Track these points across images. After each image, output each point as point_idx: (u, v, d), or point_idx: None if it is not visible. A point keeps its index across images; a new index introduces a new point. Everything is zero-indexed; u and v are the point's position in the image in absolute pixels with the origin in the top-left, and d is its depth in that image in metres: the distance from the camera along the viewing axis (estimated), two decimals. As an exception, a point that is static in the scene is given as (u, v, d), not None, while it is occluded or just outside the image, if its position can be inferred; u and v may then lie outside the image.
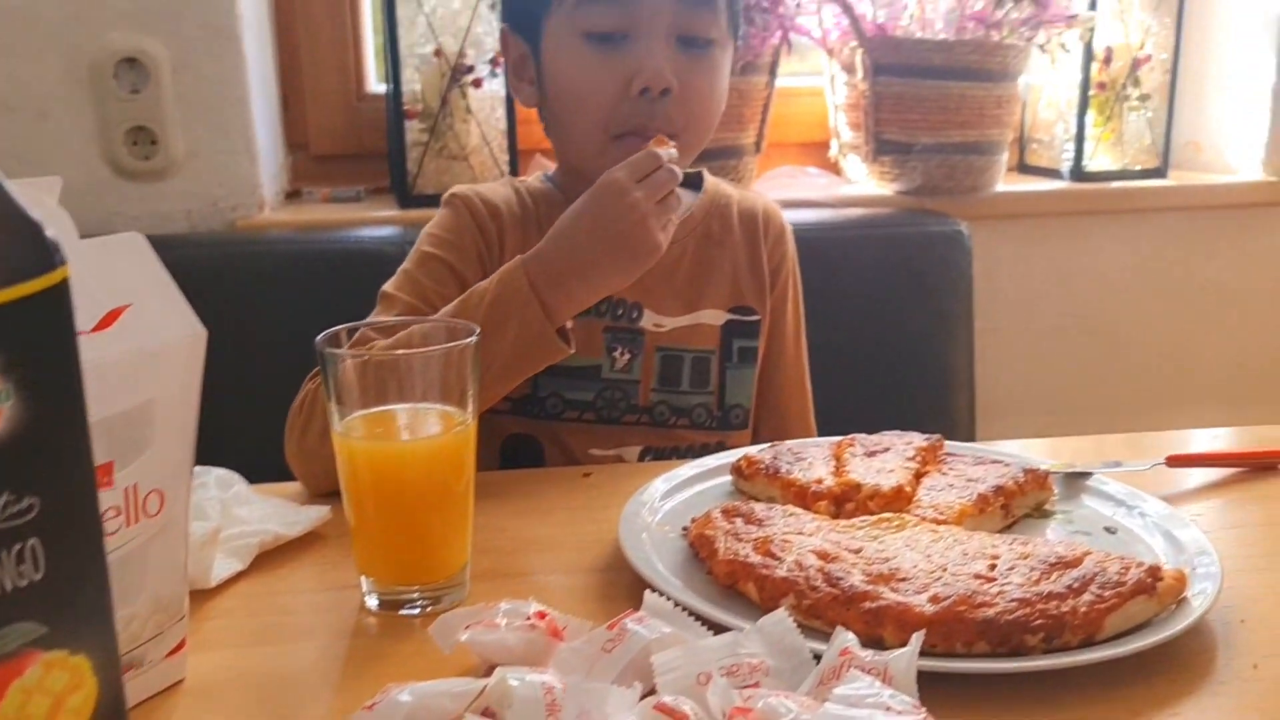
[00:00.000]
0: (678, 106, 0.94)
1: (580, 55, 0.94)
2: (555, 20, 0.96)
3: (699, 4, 0.94)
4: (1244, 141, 1.70)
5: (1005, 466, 0.78)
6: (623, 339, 1.01)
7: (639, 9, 0.92)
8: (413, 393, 0.65)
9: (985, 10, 1.47)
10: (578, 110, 0.96)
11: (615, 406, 1.02)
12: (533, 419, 1.01)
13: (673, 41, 0.94)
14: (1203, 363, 1.74)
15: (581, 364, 1.00)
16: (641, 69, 0.92)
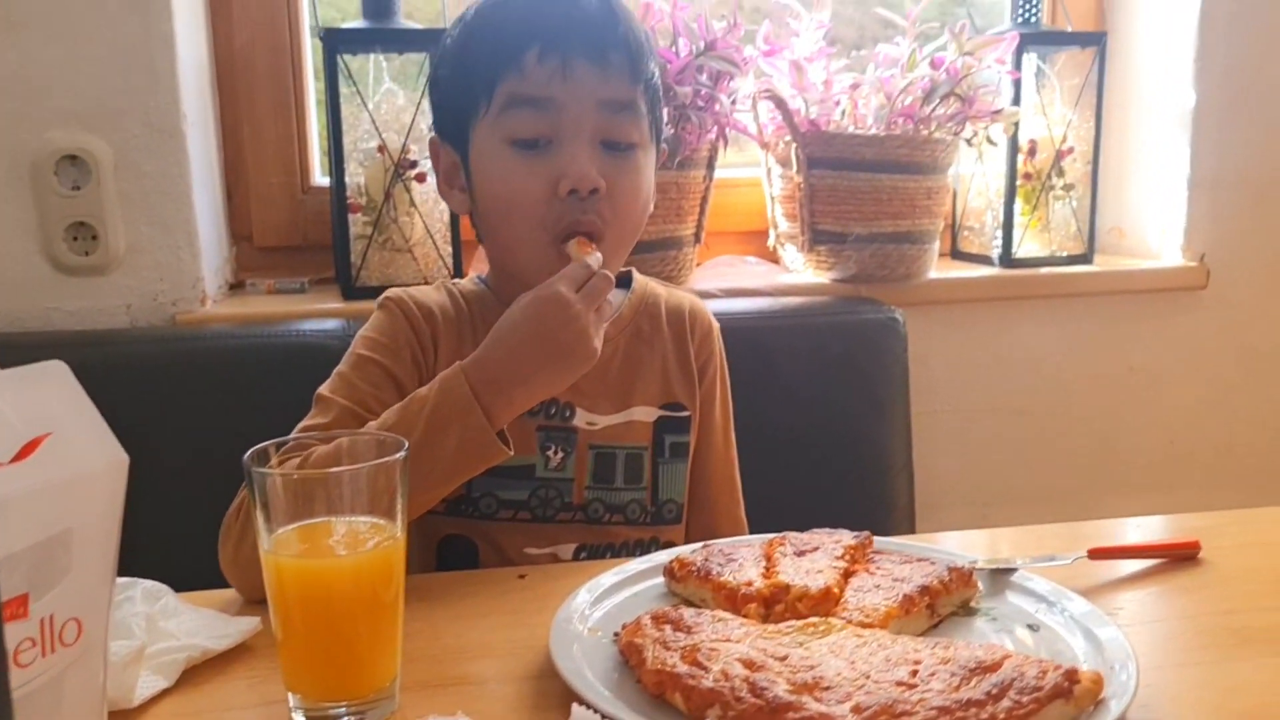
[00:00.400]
0: (606, 204, 0.97)
1: (507, 161, 0.97)
2: (482, 128, 0.98)
3: (620, 109, 0.97)
4: (1164, 228, 1.77)
5: (931, 565, 0.80)
6: (556, 438, 1.03)
7: (562, 115, 0.95)
8: (341, 506, 0.66)
9: (914, 107, 1.53)
10: (509, 214, 0.98)
11: (549, 505, 1.03)
12: (467, 519, 1.01)
13: (596, 145, 0.97)
14: (1130, 442, 1.79)
15: (515, 464, 0.99)
16: (567, 171, 0.95)
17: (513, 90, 0.95)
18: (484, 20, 1.00)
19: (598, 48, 0.96)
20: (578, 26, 0.96)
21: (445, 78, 1.03)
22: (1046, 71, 1.68)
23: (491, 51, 0.96)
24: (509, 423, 0.89)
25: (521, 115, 0.95)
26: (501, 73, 0.96)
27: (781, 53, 1.54)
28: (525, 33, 0.95)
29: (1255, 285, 1.77)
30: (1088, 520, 1.73)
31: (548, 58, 0.94)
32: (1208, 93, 1.70)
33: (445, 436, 0.85)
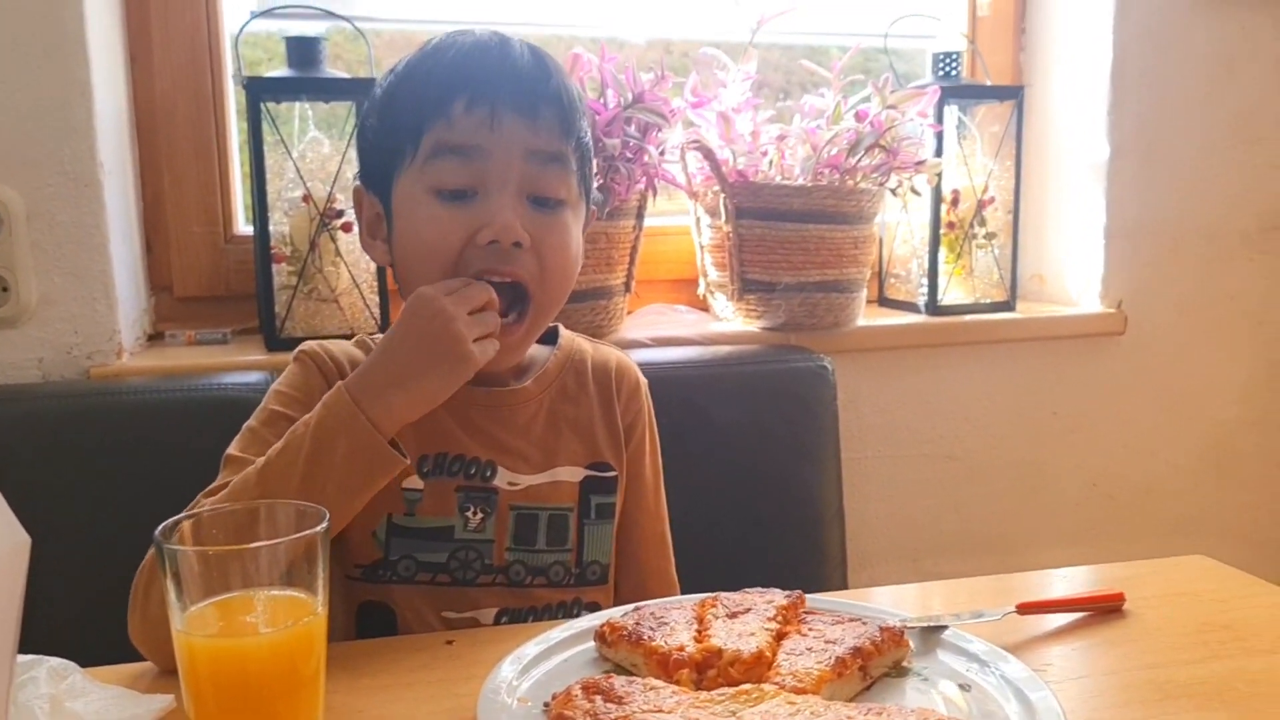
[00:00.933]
0: (532, 259, 0.95)
1: (430, 210, 0.94)
2: (406, 177, 0.96)
3: (548, 162, 0.96)
4: (1083, 275, 1.82)
5: (863, 625, 0.80)
6: (476, 499, 1.00)
7: (489, 166, 0.93)
8: (259, 579, 0.63)
9: (839, 157, 1.55)
10: (426, 261, 0.95)
11: (469, 568, 1.00)
12: (385, 584, 0.99)
13: (523, 199, 0.95)
14: (1055, 485, 1.82)
15: (434, 525, 0.99)
16: (490, 222, 0.93)
17: (439, 138, 0.94)
18: (414, 70, 0.98)
19: (528, 100, 0.94)
20: (508, 78, 0.95)
21: (372, 126, 1.01)
22: (967, 123, 1.72)
23: (419, 99, 0.95)
24: (397, 430, 0.89)
25: (447, 164, 0.94)
26: (428, 121, 0.94)
27: (709, 104, 1.56)
28: (454, 82, 0.94)
29: (1170, 331, 1.82)
30: (1017, 564, 1.78)
31: (476, 107, 0.93)
32: (1121, 145, 1.75)
33: (333, 450, 0.85)
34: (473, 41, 0.98)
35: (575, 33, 1.74)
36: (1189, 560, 1.04)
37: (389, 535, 0.99)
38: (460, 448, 1.01)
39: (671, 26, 1.78)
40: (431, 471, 1.00)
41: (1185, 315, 1.83)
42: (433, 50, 0.99)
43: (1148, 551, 1.82)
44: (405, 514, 0.99)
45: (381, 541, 0.99)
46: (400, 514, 0.99)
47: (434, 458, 1.00)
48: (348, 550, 0.99)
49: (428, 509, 0.99)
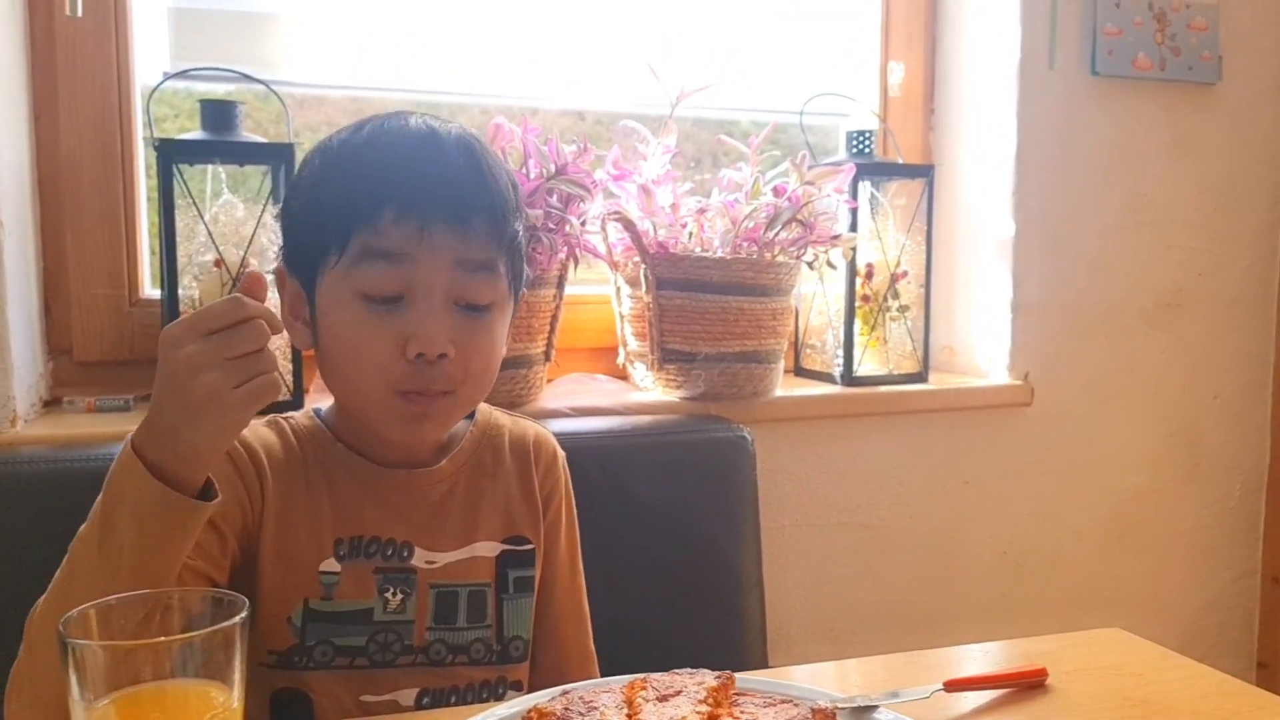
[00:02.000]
0: (456, 365, 0.94)
1: (356, 314, 0.92)
2: (332, 276, 0.94)
3: (477, 269, 0.94)
4: (991, 348, 1.87)
5: (794, 707, 0.79)
6: (394, 580, 0.98)
7: (415, 274, 0.92)
8: (170, 672, 0.60)
9: (758, 230, 1.57)
10: (354, 367, 0.94)
11: (389, 649, 0.98)
12: (300, 670, 0.95)
13: (450, 305, 0.94)
14: (967, 553, 1.85)
15: (352, 608, 0.96)
16: (417, 334, 0.91)
17: (367, 243, 0.91)
18: (343, 166, 0.95)
19: (459, 211, 0.92)
20: (440, 187, 0.92)
21: (297, 214, 0.98)
22: (880, 199, 1.76)
23: (347, 203, 0.92)
24: (192, 476, 0.79)
25: (374, 270, 0.91)
26: (356, 226, 0.91)
27: (630, 176, 1.57)
28: (383, 189, 0.91)
29: (1075, 403, 1.88)
30: (931, 632, 1.79)
31: (405, 218, 0.91)
32: (1026, 224, 1.82)
33: (122, 505, 0.78)
34: (403, 142, 0.95)
35: (487, 101, 1.75)
36: (1106, 633, 1.05)
37: (305, 621, 0.96)
38: (376, 529, 0.99)
39: (586, 97, 1.80)
40: (348, 554, 0.98)
41: (1088, 388, 1.89)
42: (364, 145, 0.95)
43: (1055, 619, 1.87)
44: (322, 598, 0.96)
45: (297, 628, 0.96)
46: (317, 598, 0.96)
47: (349, 540, 0.98)
48: (260, 636, 0.95)
49: (346, 592, 0.97)
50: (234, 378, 0.76)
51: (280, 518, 0.96)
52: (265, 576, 0.95)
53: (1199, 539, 2.01)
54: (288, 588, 0.95)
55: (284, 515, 0.96)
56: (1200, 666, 0.98)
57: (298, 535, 0.96)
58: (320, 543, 0.97)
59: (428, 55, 1.71)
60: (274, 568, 0.95)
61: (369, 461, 1.00)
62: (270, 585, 0.95)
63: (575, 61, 1.77)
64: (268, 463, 0.97)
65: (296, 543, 0.96)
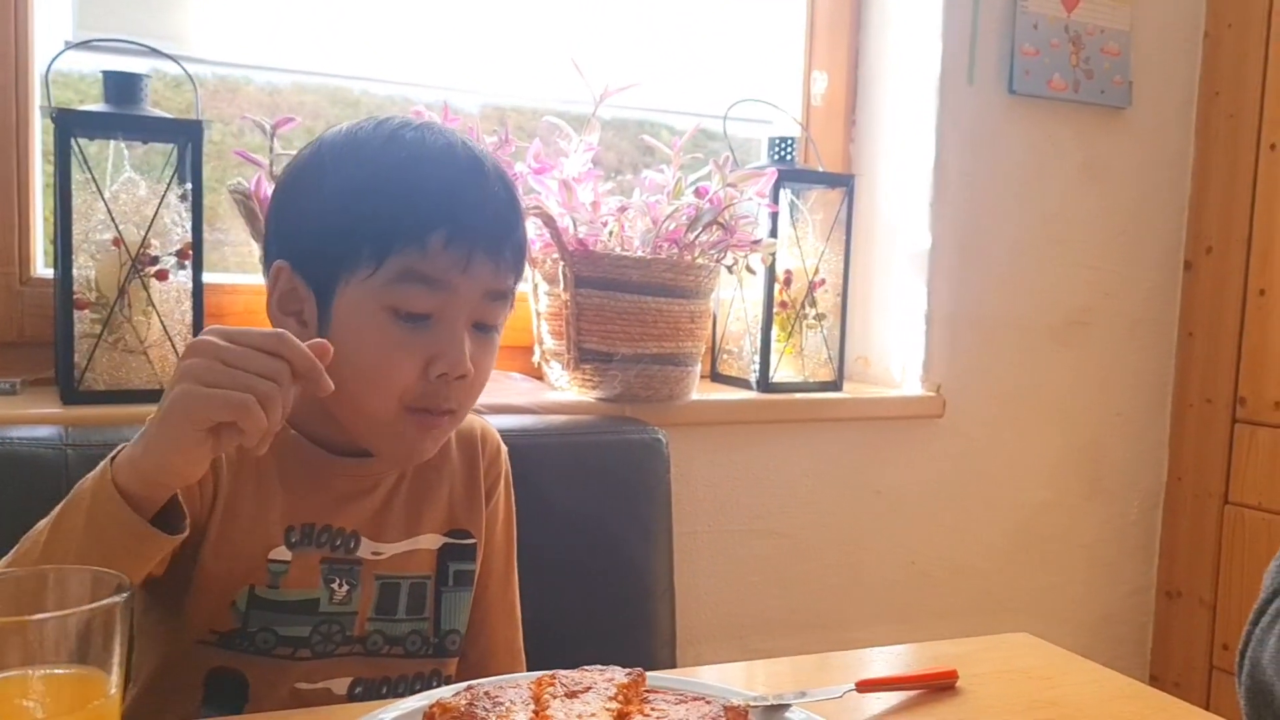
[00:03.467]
0: (465, 387, 0.94)
1: (384, 330, 0.91)
2: (360, 287, 0.91)
3: (499, 298, 0.96)
4: (904, 359, 1.88)
5: (707, 704, 0.77)
6: (341, 570, 0.98)
7: (452, 298, 0.92)
8: (42, 656, 0.55)
9: (679, 232, 1.56)
10: (374, 383, 0.92)
11: (330, 639, 0.97)
12: (240, 653, 0.94)
13: (470, 328, 0.94)
14: (875, 561, 1.86)
15: (298, 597, 0.95)
16: (444, 354, 0.91)
17: (410, 266, 0.90)
18: (390, 179, 0.92)
19: (498, 244, 0.93)
20: (487, 219, 0.93)
21: (319, 214, 0.94)
22: (800, 207, 1.77)
23: (393, 220, 0.90)
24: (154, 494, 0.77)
25: (413, 292, 0.90)
26: (400, 245, 0.90)
27: (551, 171, 1.55)
28: (436, 214, 0.90)
29: (984, 416, 1.91)
30: (840, 640, 1.80)
31: (455, 246, 0.90)
32: (941, 238, 1.84)
33: (79, 508, 0.75)
34: (454, 166, 0.94)
35: (409, 94, 1.71)
36: (1015, 638, 1.06)
37: (249, 607, 0.94)
38: (327, 518, 0.98)
39: (507, 94, 1.78)
40: (298, 542, 0.96)
41: (998, 401, 1.92)
42: (410, 161, 0.93)
43: (960, 628, 1.89)
44: (269, 585, 0.95)
45: (241, 612, 0.94)
46: (263, 585, 0.94)
47: (300, 528, 0.97)
48: (201, 615, 0.93)
49: (293, 581, 0.96)
50: (220, 414, 0.73)
51: (228, 504, 0.93)
52: (207, 561, 0.92)
53: (1098, 553, 2.05)
54: (233, 574, 0.93)
55: (232, 501, 0.94)
56: (1106, 670, 0.99)
57: (245, 522, 0.94)
58: (269, 531, 0.95)
59: (346, 46, 1.67)
60: (217, 553, 0.93)
61: (321, 450, 0.98)
62: (212, 570, 0.93)
63: (496, 59, 1.75)
64: (223, 462, 0.94)
65: (243, 530, 0.94)
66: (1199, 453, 2.04)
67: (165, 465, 0.75)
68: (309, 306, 0.94)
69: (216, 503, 0.93)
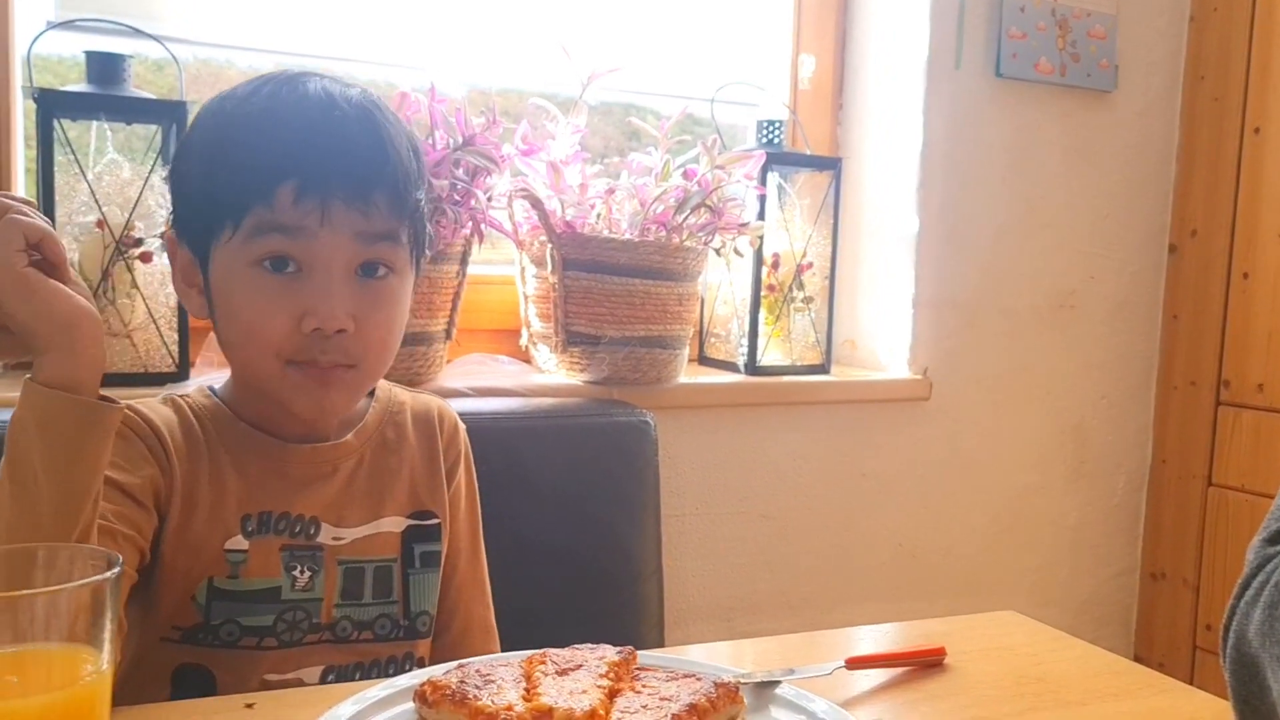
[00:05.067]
0: (355, 341, 0.91)
1: (252, 284, 0.89)
2: (226, 250, 0.90)
3: (378, 240, 0.92)
4: (891, 342, 1.89)
5: (697, 681, 0.77)
6: (301, 557, 0.96)
7: (314, 247, 0.89)
8: (31, 633, 0.55)
9: (667, 214, 1.56)
10: (249, 339, 0.91)
11: (297, 628, 0.95)
12: (204, 648, 0.92)
13: (351, 274, 0.91)
14: (863, 544, 1.86)
15: (259, 586, 0.94)
16: (315, 309, 0.88)
17: (262, 218, 0.88)
18: (237, 135, 0.90)
19: (361, 189, 0.89)
20: (340, 163, 0.89)
21: (189, 181, 0.93)
22: (788, 190, 1.77)
23: (242, 178, 0.88)
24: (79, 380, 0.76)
25: (270, 241, 0.88)
26: (251, 202, 0.88)
27: (538, 153, 1.54)
28: (282, 164, 0.87)
29: (971, 398, 1.91)
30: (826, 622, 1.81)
31: (305, 198, 0.87)
32: (928, 221, 1.84)
33: (25, 426, 0.75)
34: (302, 113, 0.90)
35: (391, 75, 1.70)
36: (1001, 615, 1.07)
37: (210, 599, 0.93)
38: (284, 505, 0.96)
39: (494, 77, 1.77)
40: (255, 530, 0.95)
41: (984, 384, 1.92)
42: (259, 113, 0.90)
43: (947, 609, 1.90)
44: (229, 576, 0.93)
45: (202, 605, 0.92)
46: (223, 576, 0.93)
47: (257, 516, 0.95)
48: (163, 612, 0.92)
49: (253, 570, 0.94)
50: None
51: (185, 496, 0.92)
52: (166, 555, 0.92)
53: (1083, 535, 2.07)
54: (192, 567, 0.92)
55: (188, 494, 0.93)
56: (1092, 647, 0.99)
57: (201, 514, 0.93)
58: (226, 521, 0.94)
59: (328, 25, 1.66)
60: (176, 547, 0.92)
61: (272, 438, 0.97)
62: (171, 564, 0.92)
63: (480, 41, 1.73)
64: (171, 442, 0.93)
65: (200, 521, 0.93)
66: (1183, 435, 2.06)
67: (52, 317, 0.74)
68: (196, 272, 0.94)
69: (174, 495, 0.92)
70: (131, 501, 0.88)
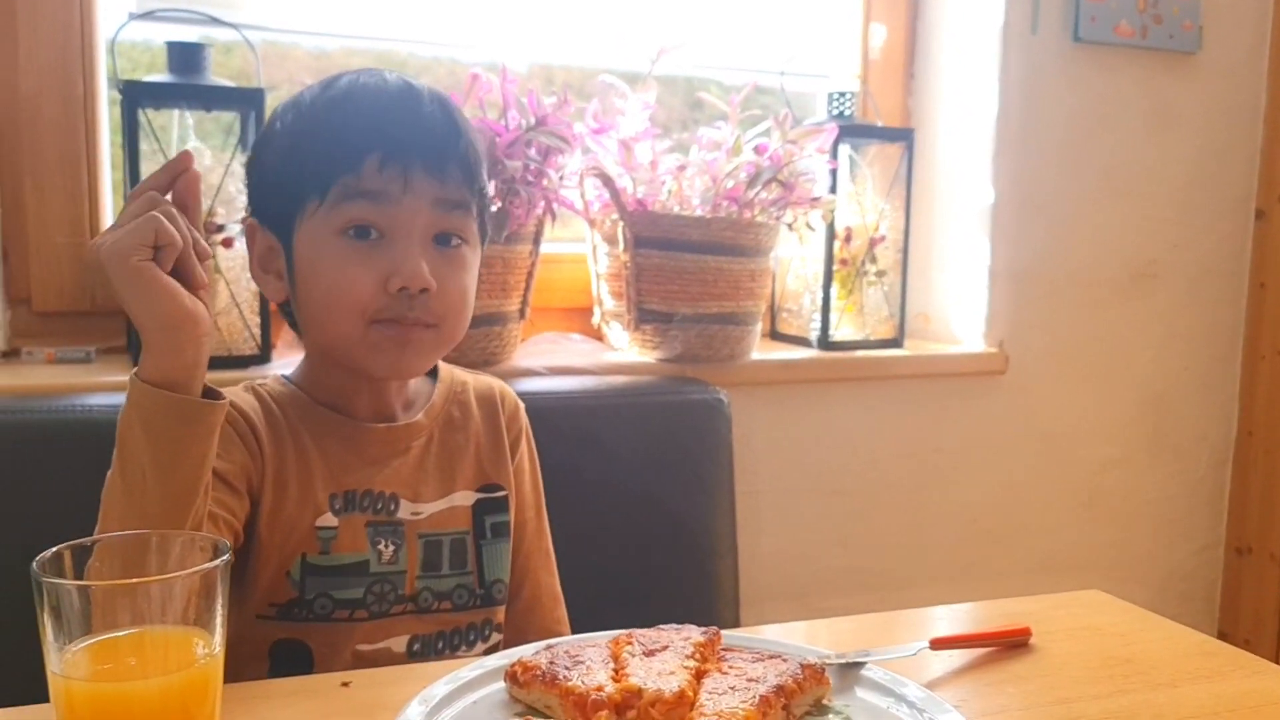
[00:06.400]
0: (437, 300, 0.96)
1: (338, 252, 0.95)
2: (312, 221, 0.96)
3: (453, 208, 0.98)
4: (966, 315, 1.86)
5: (783, 662, 0.78)
6: (384, 532, 1.01)
7: (398, 211, 0.94)
8: (149, 617, 0.57)
9: (738, 190, 1.55)
10: (336, 304, 0.95)
11: (384, 600, 1.00)
12: (300, 623, 0.97)
13: (429, 241, 0.97)
14: (937, 520, 1.85)
15: (349, 561, 0.98)
16: (399, 269, 0.94)
17: (348, 185, 0.94)
18: (321, 118, 0.97)
19: (438, 160, 0.96)
20: (420, 137, 0.96)
21: (273, 166, 1.00)
22: (859, 163, 1.75)
23: (329, 153, 0.94)
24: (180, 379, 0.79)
25: (355, 207, 0.94)
26: (338, 173, 0.94)
27: (609, 131, 1.54)
28: (367, 139, 0.94)
29: (1048, 372, 1.88)
30: (900, 599, 1.80)
31: (388, 167, 0.94)
32: (1003, 191, 1.81)
33: (132, 426, 0.79)
34: (384, 94, 0.97)
35: (457, 54, 1.71)
36: (1087, 595, 1.05)
37: (304, 575, 0.98)
38: (366, 483, 1.01)
39: (556, 53, 1.77)
40: (342, 508, 1.00)
41: (1061, 357, 1.89)
42: (341, 98, 0.97)
43: (1023, 587, 1.87)
44: (320, 552, 0.98)
45: (297, 581, 0.97)
46: (315, 553, 0.98)
47: (343, 495, 1.00)
48: (260, 590, 0.97)
49: (342, 545, 0.99)
50: (133, 250, 0.76)
51: (275, 479, 0.97)
52: (262, 536, 0.96)
53: (1165, 509, 2.03)
54: (286, 545, 0.96)
55: (278, 476, 0.97)
56: (1180, 627, 0.98)
57: (292, 495, 0.98)
58: (315, 499, 0.98)
59: (395, 8, 1.67)
60: (271, 527, 0.97)
61: (351, 419, 1.02)
62: (268, 544, 0.97)
63: (546, 18, 1.73)
64: (260, 426, 0.98)
65: (291, 502, 0.98)
66: (1270, 406, 2.00)
67: (156, 316, 0.77)
68: (277, 256, 0.99)
69: (265, 479, 0.96)
70: (226, 487, 0.93)
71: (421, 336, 0.97)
